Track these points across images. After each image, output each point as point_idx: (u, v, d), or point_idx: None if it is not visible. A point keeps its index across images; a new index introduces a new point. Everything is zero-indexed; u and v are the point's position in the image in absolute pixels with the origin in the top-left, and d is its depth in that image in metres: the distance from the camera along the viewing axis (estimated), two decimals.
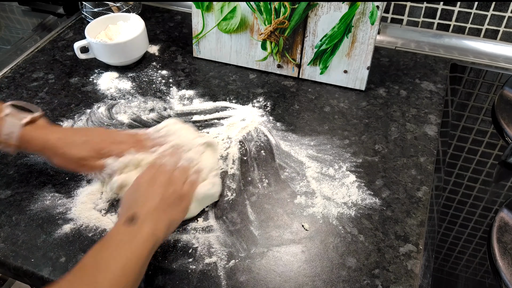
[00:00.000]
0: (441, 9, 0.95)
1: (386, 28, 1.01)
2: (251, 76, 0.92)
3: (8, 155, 0.75)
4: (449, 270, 0.62)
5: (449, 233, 0.66)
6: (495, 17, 0.93)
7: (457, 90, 0.90)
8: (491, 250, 0.61)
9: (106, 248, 0.51)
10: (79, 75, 0.92)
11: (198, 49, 0.95)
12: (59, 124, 0.81)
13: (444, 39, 0.98)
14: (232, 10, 0.88)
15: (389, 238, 0.62)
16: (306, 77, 0.90)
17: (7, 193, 0.69)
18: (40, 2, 1.13)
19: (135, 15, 0.96)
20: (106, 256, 0.50)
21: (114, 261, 0.49)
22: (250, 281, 0.58)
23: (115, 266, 0.48)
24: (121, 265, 0.49)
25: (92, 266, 0.49)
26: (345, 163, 0.73)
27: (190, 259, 0.60)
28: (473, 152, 0.78)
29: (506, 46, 0.95)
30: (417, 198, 0.68)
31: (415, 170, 0.72)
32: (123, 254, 0.50)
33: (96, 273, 0.48)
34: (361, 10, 0.79)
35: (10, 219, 0.65)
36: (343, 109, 0.83)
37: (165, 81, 0.90)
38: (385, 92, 0.87)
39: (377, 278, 0.58)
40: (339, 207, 0.66)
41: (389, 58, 0.95)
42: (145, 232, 0.52)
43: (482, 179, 0.73)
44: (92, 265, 0.49)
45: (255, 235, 0.63)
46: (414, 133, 0.78)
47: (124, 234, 0.52)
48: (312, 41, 0.85)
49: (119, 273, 0.48)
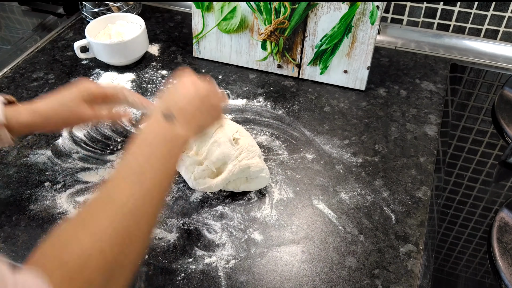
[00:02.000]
0: (441, 9, 0.95)
1: (386, 28, 1.01)
2: (251, 76, 0.92)
3: (8, 155, 0.75)
4: (449, 270, 0.62)
5: (449, 233, 0.66)
6: (495, 17, 0.93)
7: (457, 90, 0.90)
8: (491, 250, 0.61)
9: (147, 143, 0.50)
10: (79, 75, 0.92)
11: (198, 49, 0.95)
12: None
13: (444, 39, 0.98)
14: (232, 10, 0.88)
15: (389, 238, 0.62)
16: (306, 77, 0.90)
17: (7, 193, 0.69)
18: (40, 2, 1.13)
19: (135, 15, 0.96)
20: (147, 150, 0.49)
21: (154, 156, 0.49)
22: (250, 281, 0.58)
23: (155, 161, 0.49)
24: (161, 160, 0.49)
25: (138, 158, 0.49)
26: (345, 163, 0.73)
27: (190, 259, 0.60)
28: (473, 152, 0.78)
29: (506, 46, 0.95)
30: (417, 198, 0.68)
31: (415, 170, 0.72)
32: (162, 149, 0.50)
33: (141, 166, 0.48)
34: (361, 10, 0.79)
35: (10, 219, 0.65)
36: (343, 109, 0.83)
37: (165, 81, 0.90)
38: (385, 92, 0.87)
39: (377, 278, 0.58)
40: (339, 207, 0.66)
41: (389, 58, 0.95)
42: (179, 131, 0.53)
43: (482, 179, 0.73)
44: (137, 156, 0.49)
45: (255, 235, 0.63)
46: (414, 133, 0.78)
47: (162, 128, 0.52)
48: (312, 41, 0.85)
49: (161, 168, 0.49)
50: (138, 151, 0.50)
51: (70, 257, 0.38)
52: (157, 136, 0.51)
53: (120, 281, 0.42)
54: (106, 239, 0.40)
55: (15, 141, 0.62)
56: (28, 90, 0.88)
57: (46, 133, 0.77)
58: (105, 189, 0.46)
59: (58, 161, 0.74)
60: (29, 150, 0.76)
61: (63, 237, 0.40)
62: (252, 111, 0.83)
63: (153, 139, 0.51)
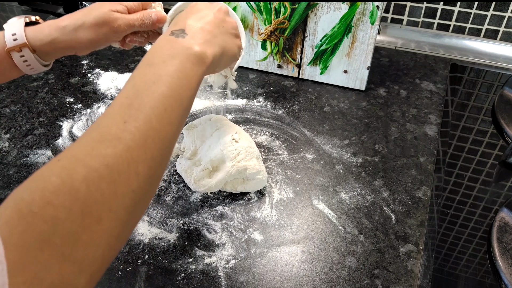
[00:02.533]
0: (441, 9, 0.95)
1: (386, 28, 1.01)
2: (251, 76, 0.92)
3: (8, 155, 0.75)
4: (449, 270, 0.62)
5: (449, 233, 0.66)
6: (495, 17, 0.93)
7: (457, 90, 0.90)
8: (491, 250, 0.61)
9: (149, 62, 0.43)
10: (79, 75, 0.92)
11: None
12: (59, 124, 0.81)
13: (444, 39, 0.98)
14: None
15: (389, 238, 0.62)
16: (306, 77, 0.90)
17: (7, 193, 0.69)
18: (40, 2, 1.13)
19: None
20: (150, 75, 0.41)
21: (156, 77, 0.41)
22: (250, 281, 0.58)
23: (159, 87, 0.40)
24: (167, 86, 0.41)
25: (136, 81, 0.41)
26: (345, 163, 0.73)
27: (190, 259, 0.60)
28: (473, 152, 0.78)
29: (506, 46, 0.95)
30: (417, 198, 0.68)
31: (415, 170, 0.72)
32: (168, 70, 0.42)
33: (141, 96, 0.39)
34: (361, 10, 0.79)
35: None
36: (343, 109, 0.83)
37: None
38: (385, 92, 0.87)
39: (377, 278, 0.58)
40: (339, 207, 0.66)
41: (389, 58, 0.95)
42: (192, 44, 0.45)
43: (482, 179, 0.73)
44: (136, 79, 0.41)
45: (255, 235, 0.63)
46: (414, 133, 0.78)
47: (171, 46, 0.44)
48: (312, 41, 0.85)
49: (167, 93, 0.40)
50: (136, 73, 0.42)
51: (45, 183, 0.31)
52: (161, 52, 0.43)
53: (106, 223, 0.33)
54: (81, 172, 0.33)
55: (48, 65, 0.57)
56: (28, 90, 0.88)
57: (74, 53, 0.60)
58: (95, 124, 0.38)
59: None
60: (29, 150, 0.76)
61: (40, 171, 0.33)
62: (252, 111, 0.83)
63: (156, 57, 0.43)
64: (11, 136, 0.78)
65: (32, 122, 0.81)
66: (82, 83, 0.90)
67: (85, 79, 0.91)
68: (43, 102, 0.85)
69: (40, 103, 0.85)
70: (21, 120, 0.82)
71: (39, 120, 0.81)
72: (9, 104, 0.85)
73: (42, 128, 0.80)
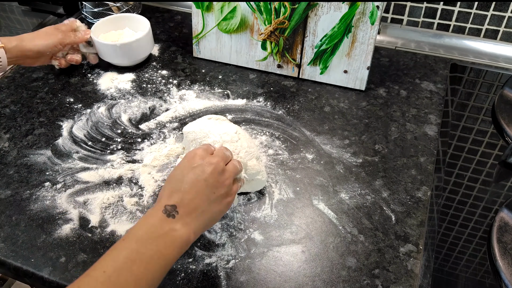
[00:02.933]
0: (441, 9, 0.95)
1: (386, 28, 1.01)
2: (251, 76, 0.92)
3: (8, 155, 0.75)
4: (449, 270, 0.62)
5: (449, 233, 0.66)
6: (495, 17, 0.93)
7: (457, 90, 0.90)
8: (491, 250, 0.61)
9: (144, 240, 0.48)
10: (79, 75, 0.92)
11: (198, 49, 0.95)
12: (59, 124, 0.81)
13: (444, 39, 0.98)
14: (232, 10, 0.88)
15: (389, 238, 0.62)
16: (306, 77, 0.90)
17: (7, 193, 0.69)
18: (40, 2, 1.13)
19: (141, 16, 0.96)
20: (132, 253, 0.47)
21: (139, 255, 0.46)
22: (250, 281, 0.58)
23: (138, 267, 0.46)
24: (145, 266, 0.46)
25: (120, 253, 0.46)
26: (345, 163, 0.73)
27: (190, 259, 0.60)
28: (473, 152, 0.78)
29: (506, 46, 0.95)
30: (417, 198, 0.68)
31: (415, 170, 0.72)
32: (152, 251, 0.47)
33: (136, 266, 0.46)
34: (361, 10, 0.79)
35: (10, 219, 0.65)
36: (343, 109, 0.83)
37: (165, 81, 0.90)
38: (385, 92, 0.87)
39: (377, 278, 0.58)
40: (339, 207, 0.66)
41: (389, 58, 0.95)
42: (180, 234, 0.50)
43: (482, 179, 0.73)
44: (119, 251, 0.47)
45: (255, 235, 0.63)
46: (414, 133, 0.78)
47: (161, 226, 0.49)
48: (312, 41, 0.85)
49: (143, 274, 0.46)
50: (120, 246, 0.47)
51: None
52: (150, 231, 0.48)
53: None
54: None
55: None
56: (28, 90, 0.88)
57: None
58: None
59: (58, 161, 0.74)
60: (29, 150, 0.76)
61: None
62: (252, 111, 0.83)
63: (145, 233, 0.48)
64: (11, 136, 0.78)
65: (32, 122, 0.81)
66: (82, 83, 0.90)
67: (85, 79, 0.91)
68: (43, 102, 0.85)
69: (40, 103, 0.85)
70: (21, 120, 0.82)
71: (39, 120, 0.81)
72: (9, 104, 0.85)
73: (42, 128, 0.80)
